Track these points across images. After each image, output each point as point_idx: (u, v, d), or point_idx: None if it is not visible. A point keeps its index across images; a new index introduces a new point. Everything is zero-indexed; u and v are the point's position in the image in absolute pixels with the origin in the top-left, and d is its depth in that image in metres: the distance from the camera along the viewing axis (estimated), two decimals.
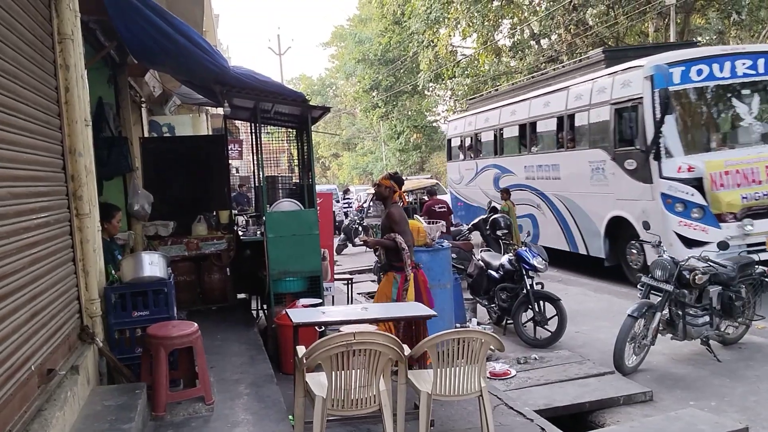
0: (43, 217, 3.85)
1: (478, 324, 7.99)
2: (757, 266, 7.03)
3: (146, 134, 10.80)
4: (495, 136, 15.37)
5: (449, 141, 19.26)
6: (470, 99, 20.40)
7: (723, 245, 7.03)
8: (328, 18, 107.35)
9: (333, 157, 61.06)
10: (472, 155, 16.87)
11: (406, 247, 5.80)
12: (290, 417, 4.57)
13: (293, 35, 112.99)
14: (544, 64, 25.63)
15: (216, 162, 9.05)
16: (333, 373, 4.04)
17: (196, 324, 4.78)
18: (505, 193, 13.59)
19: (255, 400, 4.92)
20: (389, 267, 6.02)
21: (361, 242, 6.18)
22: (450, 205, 14.86)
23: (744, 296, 6.79)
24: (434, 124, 43.59)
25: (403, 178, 6.61)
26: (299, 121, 7.96)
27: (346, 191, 28.65)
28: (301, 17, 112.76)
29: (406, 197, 19.46)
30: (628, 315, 6.31)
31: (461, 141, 17.80)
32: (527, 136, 13.94)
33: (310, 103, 7.09)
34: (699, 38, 27.56)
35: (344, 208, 24.59)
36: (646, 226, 9.95)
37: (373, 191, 6.45)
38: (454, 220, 15.01)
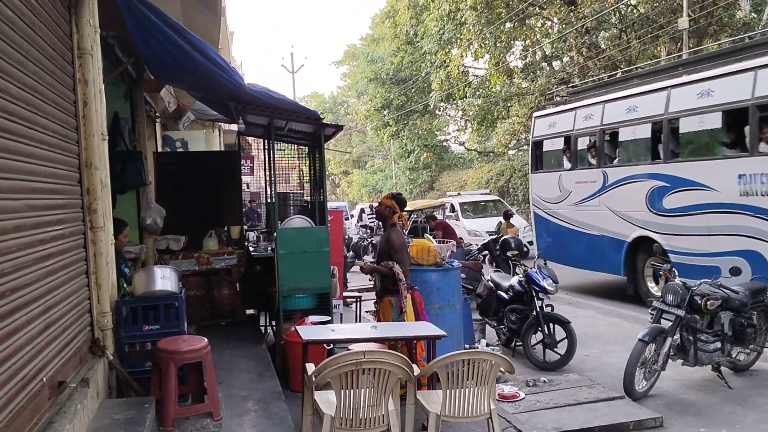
0: (58, 230, 3.88)
1: (487, 345, 7.94)
2: None
3: (160, 149, 10.89)
4: (655, 131, 10.47)
5: (537, 144, 13.74)
6: (573, 87, 15.56)
7: (735, 271, 6.99)
8: (341, 37, 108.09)
9: (343, 175, 61.20)
10: (595, 161, 11.77)
11: (403, 278, 5.78)
12: None
13: (306, 53, 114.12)
14: (555, 86, 25.72)
15: (228, 178, 9.10)
16: (342, 391, 4.04)
17: (206, 339, 4.78)
18: (506, 216, 14.38)
19: (263, 416, 4.91)
20: (384, 292, 5.98)
21: (359, 267, 6.15)
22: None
23: (756, 323, 6.74)
24: (444, 144, 43.69)
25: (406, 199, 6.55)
26: (312, 138, 8.01)
27: (362, 210, 27.71)
28: (314, 35, 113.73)
29: (421, 215, 19.51)
30: (639, 339, 6.27)
31: (568, 142, 12.60)
32: (743, 129, 8.95)
33: (323, 121, 7.13)
34: None
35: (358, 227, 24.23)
36: None
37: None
38: (536, 248, 13.31)
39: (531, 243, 17.14)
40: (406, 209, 19.00)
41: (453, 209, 21.94)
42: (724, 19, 22.21)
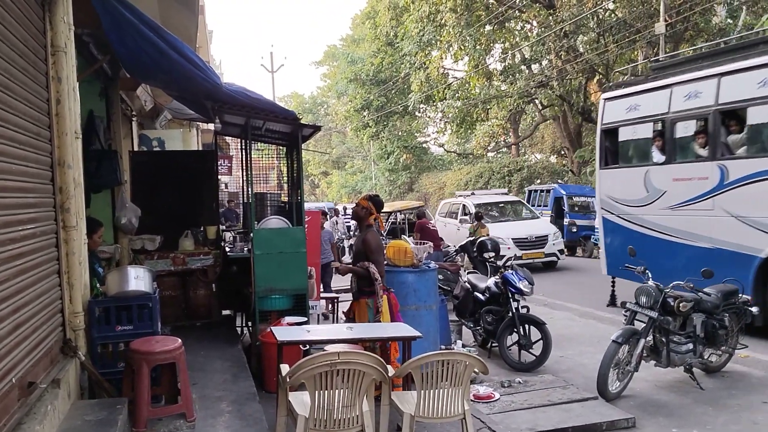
0: (29, 229, 3.84)
1: (463, 346, 7.97)
2: (740, 295, 7.08)
3: (136, 148, 10.79)
4: None
5: (608, 133, 11.14)
6: (656, 61, 12.92)
7: (707, 273, 7.09)
8: (321, 37, 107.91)
9: (323, 175, 61.16)
10: (706, 152, 9.26)
11: (380, 278, 5.81)
12: None
13: (286, 53, 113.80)
14: (534, 89, 25.92)
15: (205, 177, 9.06)
16: (316, 392, 4.03)
17: (179, 340, 4.75)
18: (478, 218, 14.47)
19: (237, 418, 4.89)
20: (359, 294, 5.99)
21: (334, 269, 6.17)
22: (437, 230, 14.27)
23: (727, 325, 6.83)
24: (424, 145, 43.85)
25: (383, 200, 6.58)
26: (289, 138, 7.98)
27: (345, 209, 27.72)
28: (294, 35, 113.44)
29: (397, 216, 19.36)
30: (613, 341, 6.33)
31: (660, 129, 10.14)
32: None
33: (301, 122, 7.11)
34: None
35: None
36: None
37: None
38: (605, 265, 11.45)
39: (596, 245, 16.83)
40: (384, 211, 18.89)
41: (465, 212, 18.52)
42: (701, 24, 22.54)
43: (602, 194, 11.34)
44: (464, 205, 18.81)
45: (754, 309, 7.07)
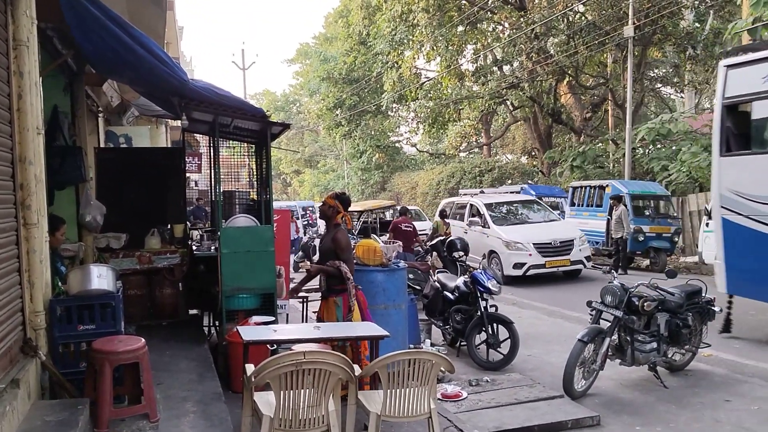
0: None
1: (432, 345, 8.00)
2: (704, 295, 7.20)
3: (102, 144, 10.62)
4: None
5: (732, 109, 8.67)
6: None
7: (671, 273, 7.20)
8: (294, 35, 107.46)
9: (295, 174, 60.87)
10: None
11: (351, 277, 5.81)
12: None
13: (258, 50, 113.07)
14: (505, 90, 26.10)
15: (173, 175, 8.94)
16: (281, 392, 4.00)
17: (143, 339, 4.68)
18: (442, 215, 14.28)
19: (201, 418, 4.84)
20: (329, 293, 5.97)
21: (304, 270, 6.12)
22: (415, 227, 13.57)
23: (691, 324, 6.95)
24: (397, 145, 43.91)
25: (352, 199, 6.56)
26: (259, 136, 7.93)
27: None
28: (266, 33, 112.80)
29: (369, 216, 19.28)
30: (578, 340, 6.40)
31: None
32: None
33: (271, 119, 7.06)
34: (655, 71, 28.52)
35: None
36: None
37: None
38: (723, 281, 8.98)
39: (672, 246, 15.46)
40: (356, 210, 18.75)
41: (474, 212, 16.20)
42: (669, 28, 22.89)
43: (723, 189, 8.68)
44: (472, 205, 16.46)
45: (717, 308, 7.20)
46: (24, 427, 3.91)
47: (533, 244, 14.13)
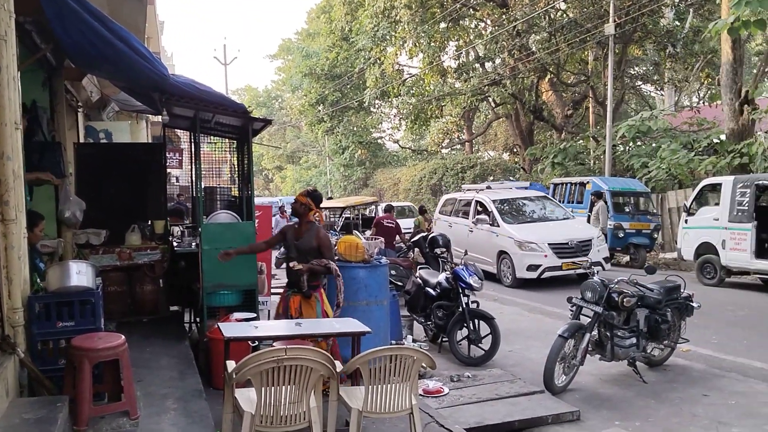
0: None
1: (414, 341, 8.03)
2: (683, 291, 7.28)
3: (82, 140, 10.51)
4: None
5: None
6: None
7: (650, 270, 7.27)
8: (276, 30, 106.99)
9: (276, 170, 60.66)
10: None
11: (341, 274, 5.88)
12: None
13: (240, 45, 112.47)
14: (487, 87, 26.19)
15: (153, 171, 8.86)
16: (263, 389, 4.00)
17: (123, 336, 4.65)
18: (422, 211, 14.66)
19: (182, 415, 4.81)
20: (310, 290, 5.84)
21: (296, 270, 5.91)
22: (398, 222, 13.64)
23: (670, 319, 7.03)
24: (379, 141, 43.89)
25: (328, 196, 6.60)
26: (240, 132, 7.89)
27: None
28: (248, 28, 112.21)
29: (353, 211, 19.21)
30: (559, 335, 6.45)
31: None
32: None
33: (252, 115, 7.03)
34: (636, 68, 28.77)
35: None
36: None
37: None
38: None
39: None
40: (339, 206, 18.73)
41: (480, 209, 14.91)
42: (649, 26, 23.08)
43: None
44: (478, 202, 15.02)
45: (695, 304, 7.28)
46: (2, 424, 3.87)
47: (548, 244, 12.96)
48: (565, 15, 24.90)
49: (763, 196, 12.35)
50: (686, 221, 13.39)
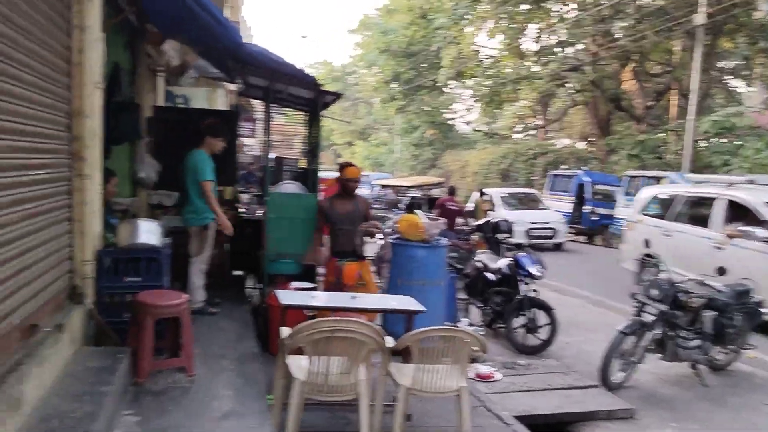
0: (41, 174, 3.87)
1: (470, 325, 7.97)
2: (752, 296, 6.98)
3: (161, 103, 10.80)
4: None
5: None
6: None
7: (721, 270, 6.99)
8: (359, 4, 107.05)
9: (347, 145, 61.00)
10: None
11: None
12: (269, 397, 4.59)
13: (322, 21, 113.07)
14: (566, 73, 25.53)
15: (226, 138, 9.01)
16: (314, 357, 4.05)
17: (186, 295, 4.80)
18: (480, 193, 14.40)
19: (237, 376, 4.94)
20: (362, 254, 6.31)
21: (364, 231, 6.36)
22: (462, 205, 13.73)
23: (738, 324, 6.75)
24: (450, 122, 43.48)
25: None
26: (312, 105, 7.95)
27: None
28: (333, 2, 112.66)
29: (420, 190, 19.07)
30: (619, 331, 6.29)
31: None
32: None
33: (322, 88, 7.06)
34: (724, 62, 27.47)
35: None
36: None
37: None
38: None
39: None
40: (406, 184, 18.76)
41: (739, 215, 9.34)
42: (741, 18, 21.94)
43: None
44: (735, 203, 9.46)
45: (765, 310, 6.98)
46: (67, 370, 4.05)
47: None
48: (653, 1, 23.94)
49: None
50: None
